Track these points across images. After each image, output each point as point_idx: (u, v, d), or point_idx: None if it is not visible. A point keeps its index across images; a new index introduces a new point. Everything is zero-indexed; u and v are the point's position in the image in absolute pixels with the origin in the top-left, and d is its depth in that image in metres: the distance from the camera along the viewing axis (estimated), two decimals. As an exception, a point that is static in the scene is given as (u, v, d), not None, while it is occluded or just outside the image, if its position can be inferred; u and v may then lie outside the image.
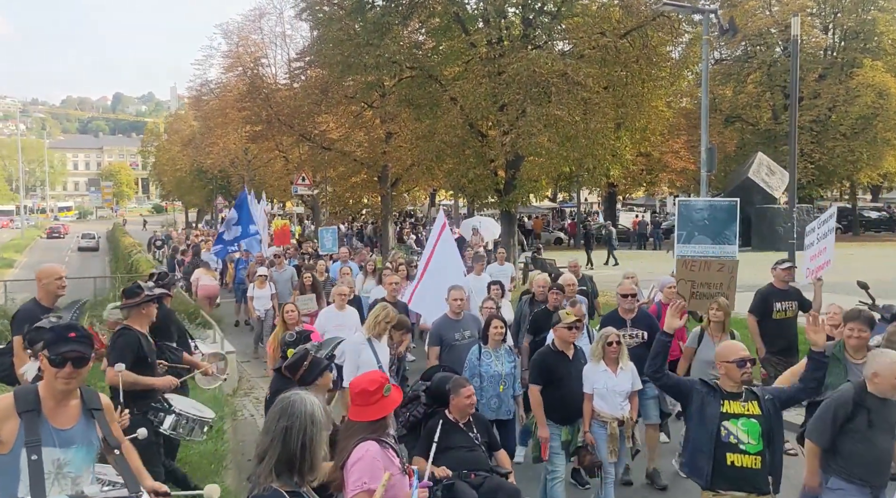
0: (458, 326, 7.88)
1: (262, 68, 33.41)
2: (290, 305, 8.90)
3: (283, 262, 15.84)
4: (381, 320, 7.29)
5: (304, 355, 4.82)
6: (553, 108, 17.30)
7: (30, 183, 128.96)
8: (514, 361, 7.14)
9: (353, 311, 9.39)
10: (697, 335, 7.85)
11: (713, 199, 12.63)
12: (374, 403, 3.89)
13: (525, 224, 44.43)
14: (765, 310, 8.77)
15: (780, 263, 9.02)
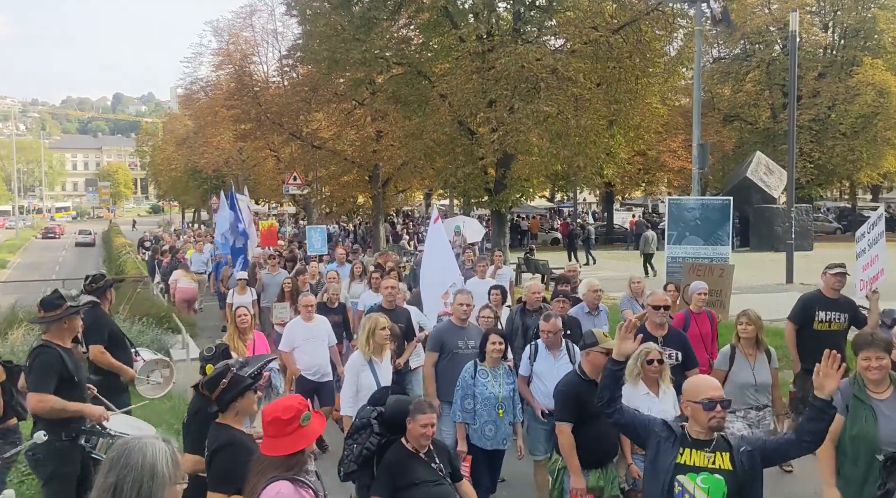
0: (463, 335, 7.18)
1: (253, 66, 32.90)
2: (242, 308, 8.17)
3: (276, 264, 14.61)
4: (374, 335, 6.61)
5: (223, 372, 4.16)
6: (542, 104, 16.78)
7: (28, 183, 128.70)
8: (513, 383, 6.43)
9: (323, 320, 8.63)
10: (728, 355, 6.87)
11: (705, 198, 12.19)
12: (289, 435, 3.33)
13: (521, 225, 43.99)
14: (805, 318, 7.79)
15: (830, 268, 7.85)
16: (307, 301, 8.55)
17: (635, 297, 9.73)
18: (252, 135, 30.28)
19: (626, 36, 18.95)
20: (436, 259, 9.47)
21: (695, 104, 12.11)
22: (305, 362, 8.22)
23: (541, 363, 6.61)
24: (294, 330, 8.46)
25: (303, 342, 8.26)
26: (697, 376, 4.41)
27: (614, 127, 19.92)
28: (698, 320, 8.14)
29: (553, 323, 6.64)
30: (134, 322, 11.71)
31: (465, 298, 7.34)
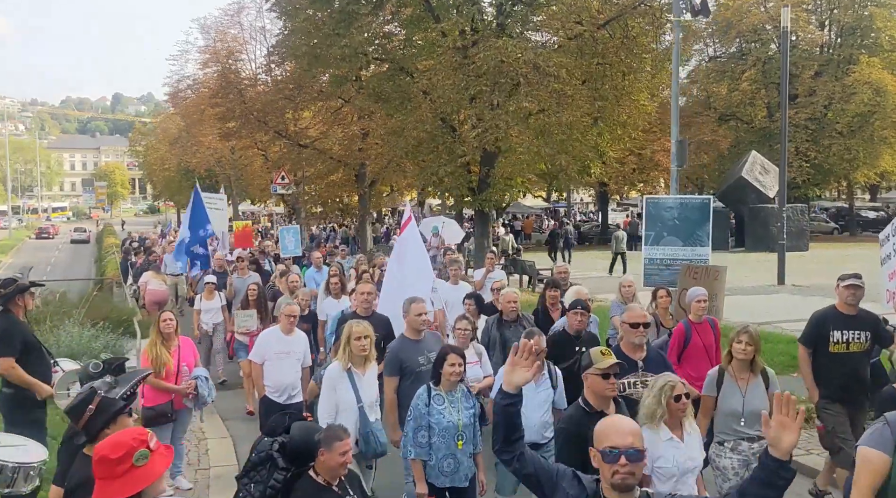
0: (422, 348, 6.38)
1: (239, 63, 32.42)
2: (167, 313, 7.49)
3: (245, 267, 13.74)
4: (354, 343, 5.85)
5: (88, 397, 3.58)
6: (522, 100, 16.28)
7: (26, 183, 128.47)
8: (473, 407, 5.56)
9: (303, 337, 7.76)
10: (715, 378, 5.85)
11: (684, 197, 11.69)
12: (120, 477, 2.81)
13: (514, 225, 43.55)
14: (818, 339, 6.68)
15: (842, 279, 6.63)
16: (291, 311, 7.61)
17: (626, 301, 9.11)
18: (237, 133, 29.80)
19: (612, 31, 18.47)
20: (409, 263, 8.67)
21: (672, 98, 11.63)
22: (274, 380, 7.35)
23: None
24: (269, 340, 7.54)
25: (275, 356, 7.37)
26: (611, 419, 3.35)
27: (599, 124, 19.39)
28: (700, 331, 7.45)
29: (537, 341, 5.61)
30: (87, 327, 11.18)
31: (420, 306, 6.52)
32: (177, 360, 7.28)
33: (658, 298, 8.54)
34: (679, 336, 7.38)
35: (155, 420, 7.14)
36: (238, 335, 10.55)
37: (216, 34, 33.30)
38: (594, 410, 4.53)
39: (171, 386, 7.20)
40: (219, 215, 20.73)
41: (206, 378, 7.48)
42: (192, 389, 7.26)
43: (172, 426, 7.38)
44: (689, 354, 7.32)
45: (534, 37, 19.64)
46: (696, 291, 7.75)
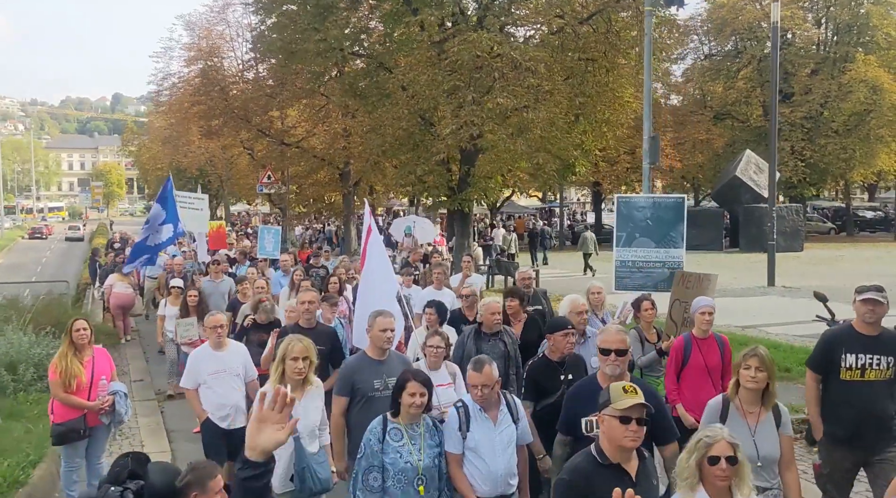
0: (381, 371, 5.50)
1: (224, 60, 31.85)
2: (80, 321, 6.89)
3: (219, 270, 12.73)
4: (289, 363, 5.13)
5: None
6: (498, 95, 15.70)
7: (24, 183, 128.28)
8: (439, 446, 4.67)
9: (237, 349, 6.97)
10: (717, 410, 4.76)
11: (657, 196, 11.12)
12: None
13: (507, 225, 42.98)
14: (828, 364, 5.49)
15: (859, 292, 5.43)
16: (215, 321, 6.74)
17: (594, 310, 8.21)
18: (220, 131, 29.24)
19: (595, 26, 17.92)
20: (373, 267, 7.49)
21: (645, 91, 11.05)
22: (213, 403, 6.61)
23: (476, 432, 4.69)
24: (198, 361, 6.75)
25: (210, 377, 6.61)
26: None
27: (581, 121, 18.79)
28: (704, 348, 6.40)
29: (487, 373, 4.65)
30: (29, 333, 10.62)
31: (386, 321, 5.57)
32: (90, 372, 6.71)
33: (643, 311, 7.55)
34: (677, 352, 6.47)
35: (66, 437, 6.60)
36: (184, 347, 9.71)
37: (201, 31, 32.72)
38: (609, 461, 3.61)
39: (83, 402, 6.62)
40: (198, 216, 20.08)
41: (124, 394, 6.90)
42: (106, 405, 6.69)
43: (86, 443, 6.82)
44: (687, 375, 6.41)
45: (515, 32, 19.03)
46: (701, 301, 6.67)
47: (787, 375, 11.34)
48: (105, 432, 6.95)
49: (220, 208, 62.73)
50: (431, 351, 5.86)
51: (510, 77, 16.20)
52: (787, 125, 38.67)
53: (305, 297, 7.26)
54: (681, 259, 10.48)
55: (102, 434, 6.94)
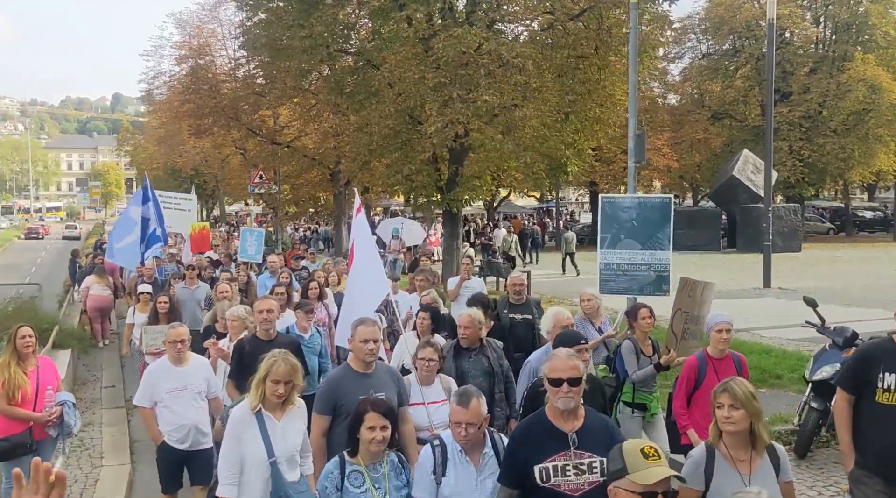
0: (367, 385, 4.94)
1: (215, 58, 31.46)
2: (25, 328, 6.42)
3: (194, 276, 12.06)
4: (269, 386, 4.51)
5: None
6: (483, 93, 15.32)
7: (22, 183, 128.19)
8: (406, 486, 4.11)
9: (200, 363, 6.38)
10: (702, 462, 3.94)
11: (642, 196, 10.76)
12: None
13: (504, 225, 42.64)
14: (861, 384, 4.80)
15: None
16: (176, 335, 6.13)
17: (589, 318, 7.77)
18: (209, 130, 28.87)
19: (586, 22, 17.54)
20: (361, 267, 6.92)
21: (630, 87, 10.67)
22: (172, 423, 6.05)
23: (453, 478, 4.02)
24: (156, 377, 6.13)
25: (168, 395, 6.04)
26: None
27: (572, 120, 18.39)
28: (720, 369, 5.76)
29: (474, 409, 3.90)
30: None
31: (369, 331, 5.01)
32: (35, 383, 6.34)
33: (640, 319, 6.85)
34: (689, 372, 5.87)
35: (10, 453, 6.23)
36: (147, 356, 8.89)
37: (192, 29, 32.36)
38: None
39: (29, 413, 6.25)
40: (185, 217, 19.69)
41: (72, 404, 6.53)
42: (54, 417, 6.33)
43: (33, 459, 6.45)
44: (700, 399, 5.74)
45: (505, 28, 18.60)
46: (718, 316, 5.95)
47: (777, 383, 10.98)
48: (52, 446, 6.57)
49: (217, 208, 62.44)
50: (423, 364, 5.33)
51: (497, 74, 15.81)
52: (785, 125, 38.31)
53: (263, 305, 6.59)
54: (667, 262, 10.11)
55: (49, 448, 6.54)
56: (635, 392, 6.73)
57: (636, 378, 6.67)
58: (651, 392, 6.88)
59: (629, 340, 6.85)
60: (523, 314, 8.22)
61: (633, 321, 6.95)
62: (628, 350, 6.70)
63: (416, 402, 5.36)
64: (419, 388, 5.38)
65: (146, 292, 10.98)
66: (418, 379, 5.38)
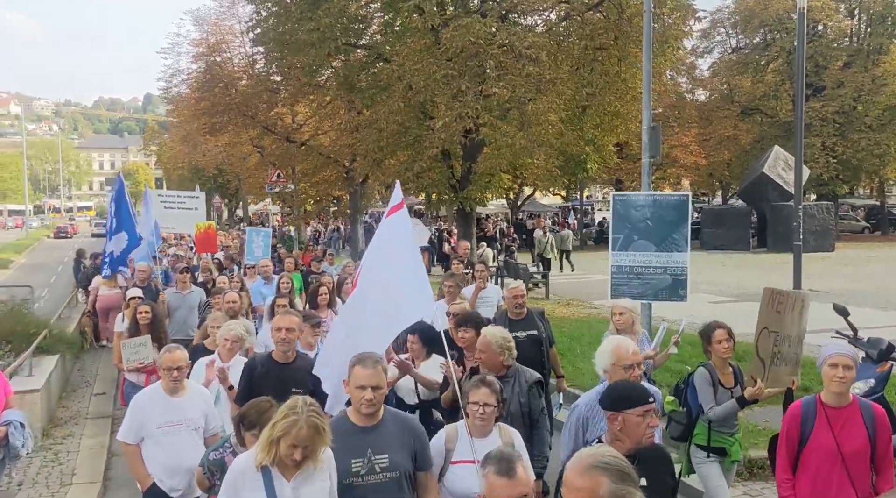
0: (366, 443, 3.93)
1: (232, 55, 31.05)
2: None
3: (186, 279, 10.98)
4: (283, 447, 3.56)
5: None
6: (493, 85, 14.58)
7: (55, 183, 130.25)
8: None
9: (200, 394, 5.35)
10: None
11: (657, 194, 9.99)
12: None
13: (527, 224, 41.85)
14: None
15: None
16: (172, 360, 5.07)
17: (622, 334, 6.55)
18: (224, 128, 28.46)
19: (606, 12, 16.77)
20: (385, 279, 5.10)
21: (644, 76, 9.89)
22: (162, 465, 5.06)
23: None
24: (145, 408, 5.11)
25: (160, 430, 5.05)
26: None
27: (589, 114, 17.58)
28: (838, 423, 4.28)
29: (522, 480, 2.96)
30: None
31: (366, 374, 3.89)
32: (-23, 397, 5.79)
33: (716, 343, 5.56)
34: (791, 424, 4.40)
35: (-51, 474, 5.69)
36: (128, 374, 7.91)
37: (209, 26, 32.02)
38: None
39: None
40: (192, 216, 19.15)
41: (20, 424, 5.91)
42: (1, 437, 5.76)
43: None
44: (809, 462, 4.34)
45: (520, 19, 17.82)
46: (834, 346, 4.49)
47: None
48: (0, 466, 6.02)
49: (240, 208, 62.37)
50: (476, 410, 4.16)
51: (508, 65, 15.06)
52: (818, 120, 37.09)
53: (283, 321, 5.44)
54: (685, 265, 9.35)
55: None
56: (711, 432, 5.47)
57: (713, 416, 5.41)
58: (732, 433, 5.62)
59: (704, 367, 5.60)
60: (527, 330, 7.14)
61: (708, 345, 5.65)
62: (703, 380, 5.50)
63: (464, 459, 4.16)
64: (470, 440, 4.15)
65: (137, 297, 9.61)
66: (468, 429, 4.19)
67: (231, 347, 6.03)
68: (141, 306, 8.25)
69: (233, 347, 6.04)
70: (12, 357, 9.91)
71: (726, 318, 6.60)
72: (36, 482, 7.76)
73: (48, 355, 10.89)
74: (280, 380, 5.20)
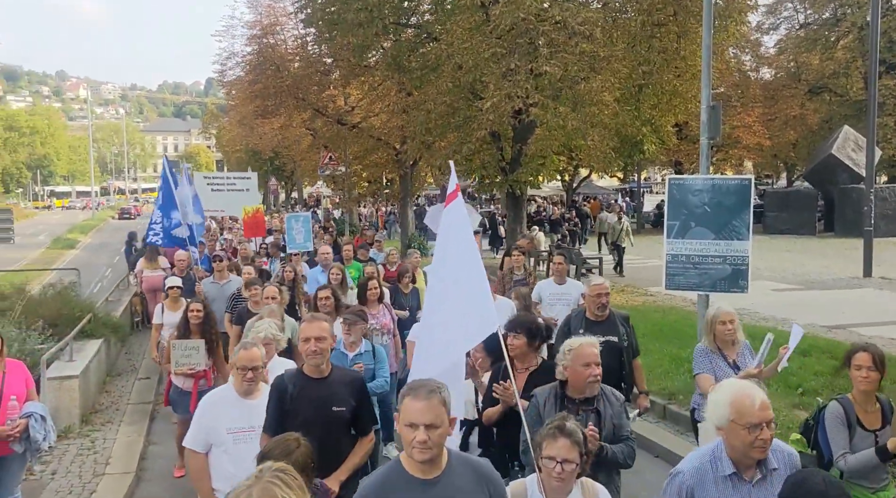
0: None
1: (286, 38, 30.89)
2: None
3: (224, 268, 10.49)
4: None
5: None
6: (543, 63, 13.96)
7: (121, 165, 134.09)
8: None
9: None
10: None
11: (717, 177, 9.33)
12: None
13: (582, 207, 40.99)
14: None
15: None
16: (248, 359, 4.58)
17: (721, 349, 5.64)
18: (276, 111, 28.39)
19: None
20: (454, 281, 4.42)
21: (703, 51, 9.21)
22: (230, 477, 4.29)
23: None
24: (215, 412, 4.57)
25: (231, 437, 4.49)
26: None
27: (646, 93, 16.78)
28: None
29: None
30: (20, 328, 9.79)
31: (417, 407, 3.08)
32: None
33: (854, 370, 4.44)
34: None
35: (-34, 469, 5.53)
36: (175, 377, 7.33)
37: (263, 9, 31.93)
38: None
39: None
40: (242, 198, 18.98)
41: (41, 416, 5.73)
42: (17, 431, 5.57)
43: None
44: None
45: None
46: None
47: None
48: (19, 462, 5.81)
49: (295, 191, 62.79)
50: (552, 467, 3.41)
51: (560, 43, 14.42)
52: (891, 99, 35.27)
53: (310, 330, 4.54)
54: (746, 254, 8.71)
55: (15, 465, 5.78)
56: (847, 485, 4.19)
57: (846, 467, 4.29)
58: (876, 489, 4.40)
59: (839, 402, 4.48)
60: (606, 335, 5.98)
61: (847, 366, 4.51)
62: (835, 419, 4.41)
63: None
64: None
65: (176, 287, 9.25)
66: (542, 488, 3.50)
67: (266, 350, 5.36)
68: (193, 304, 7.52)
69: (268, 350, 5.43)
70: (54, 342, 9.85)
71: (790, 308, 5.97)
72: (69, 471, 7.65)
73: (92, 339, 10.85)
74: (317, 399, 4.42)
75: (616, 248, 21.42)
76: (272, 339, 5.63)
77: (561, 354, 4.40)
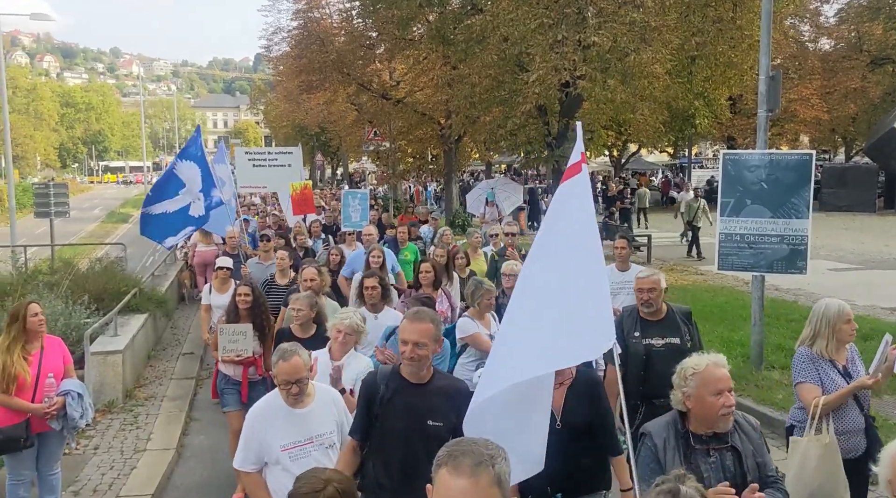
0: None
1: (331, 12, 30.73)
2: (34, 305, 5.56)
3: (269, 248, 10.29)
4: None
5: None
6: (592, 34, 13.50)
7: (173, 141, 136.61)
8: None
9: (329, 398, 4.24)
10: None
11: (775, 152, 8.88)
12: None
13: (630, 183, 40.25)
14: None
15: None
16: (290, 371, 3.97)
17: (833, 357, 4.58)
18: (320, 86, 28.27)
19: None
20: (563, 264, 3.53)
21: (763, 16, 8.66)
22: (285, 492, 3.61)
23: None
24: (265, 426, 4.02)
25: (285, 454, 3.97)
26: None
27: (699, 64, 16.16)
28: None
29: None
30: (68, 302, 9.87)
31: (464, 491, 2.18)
32: (36, 368, 5.55)
33: None
34: None
35: (4, 446, 5.50)
36: (222, 365, 6.87)
37: (310, -18, 31.76)
38: None
39: (23, 404, 5.45)
40: (284, 173, 18.69)
41: (78, 394, 5.67)
42: (54, 409, 5.53)
43: (36, 454, 5.71)
44: None
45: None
46: None
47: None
48: (58, 440, 5.79)
49: (341, 167, 62.92)
50: None
51: (609, 12, 13.92)
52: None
53: (408, 333, 3.76)
54: (805, 233, 8.30)
55: (54, 442, 5.77)
56: None
57: None
58: None
59: None
60: (666, 337, 5.31)
61: None
62: None
63: None
64: None
65: (225, 268, 8.95)
66: None
67: (345, 341, 5.04)
68: (241, 287, 7.03)
69: (346, 341, 5.04)
70: (100, 316, 9.90)
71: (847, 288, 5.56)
72: (111, 446, 7.66)
73: (137, 314, 10.90)
74: (412, 409, 3.77)
75: (691, 228, 20.36)
76: (355, 330, 5.11)
77: (679, 377, 3.48)
